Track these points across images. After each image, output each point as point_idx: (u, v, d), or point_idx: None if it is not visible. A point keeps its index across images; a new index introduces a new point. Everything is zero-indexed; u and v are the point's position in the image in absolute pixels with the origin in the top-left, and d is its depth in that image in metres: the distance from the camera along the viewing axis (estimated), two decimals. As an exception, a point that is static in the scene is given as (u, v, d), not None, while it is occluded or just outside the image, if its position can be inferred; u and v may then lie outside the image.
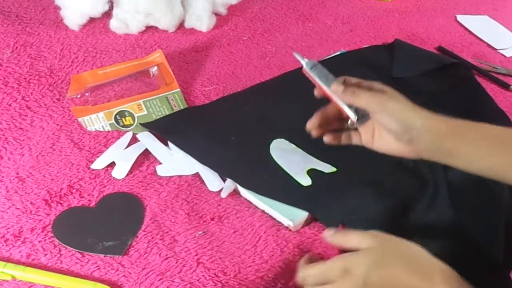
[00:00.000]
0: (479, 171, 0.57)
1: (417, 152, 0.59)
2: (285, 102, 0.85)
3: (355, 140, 0.64)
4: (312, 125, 0.64)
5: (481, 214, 0.71)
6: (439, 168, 0.73)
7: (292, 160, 0.73)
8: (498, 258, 0.69)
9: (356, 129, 0.64)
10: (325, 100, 0.71)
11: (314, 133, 0.64)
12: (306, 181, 0.70)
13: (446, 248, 0.66)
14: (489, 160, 0.56)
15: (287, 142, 0.76)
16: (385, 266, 0.52)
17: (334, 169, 0.72)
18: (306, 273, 0.55)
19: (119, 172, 0.70)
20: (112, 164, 0.72)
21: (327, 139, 0.65)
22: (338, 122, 0.64)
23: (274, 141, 0.76)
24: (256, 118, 0.81)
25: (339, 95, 0.61)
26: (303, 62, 0.67)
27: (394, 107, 0.57)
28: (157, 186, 0.70)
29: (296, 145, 0.75)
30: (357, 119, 0.61)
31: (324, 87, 0.63)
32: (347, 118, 0.62)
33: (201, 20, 1.02)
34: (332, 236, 0.57)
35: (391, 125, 0.58)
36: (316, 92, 0.65)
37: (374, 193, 0.69)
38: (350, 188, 0.70)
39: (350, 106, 0.62)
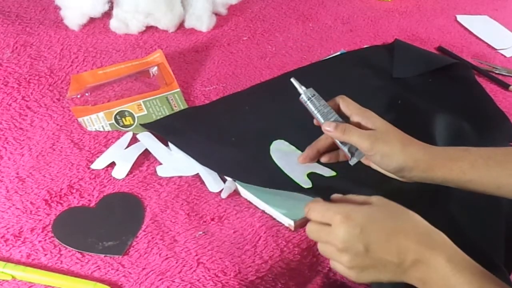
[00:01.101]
0: (475, 191, 0.62)
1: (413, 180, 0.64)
2: (285, 103, 0.85)
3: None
4: (303, 159, 0.70)
5: (482, 215, 0.71)
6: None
7: (292, 162, 0.72)
8: (499, 259, 0.69)
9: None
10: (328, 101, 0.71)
11: (307, 162, 0.70)
12: (306, 183, 0.70)
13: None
14: (480, 183, 0.61)
15: (287, 143, 0.76)
16: (383, 221, 0.53)
17: (334, 173, 0.71)
18: (313, 206, 0.56)
19: (119, 172, 0.70)
20: (112, 164, 0.72)
21: (324, 159, 0.70)
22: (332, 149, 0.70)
23: (274, 142, 0.76)
24: (256, 119, 0.81)
25: (331, 134, 0.65)
26: (301, 90, 0.69)
27: (384, 150, 0.62)
28: (157, 186, 0.70)
29: (296, 147, 0.75)
30: (351, 157, 0.67)
31: (319, 121, 0.67)
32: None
33: (201, 20, 1.02)
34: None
35: (382, 166, 0.64)
36: (314, 122, 0.69)
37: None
38: (350, 192, 0.70)
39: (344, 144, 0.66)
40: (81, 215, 0.65)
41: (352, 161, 0.67)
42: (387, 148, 0.61)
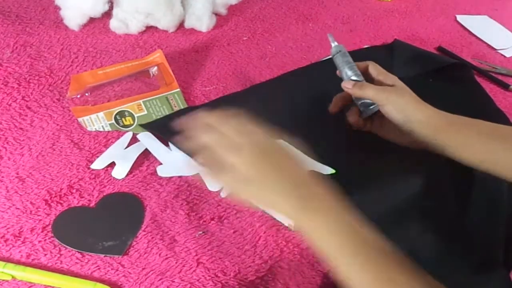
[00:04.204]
0: (472, 164, 0.63)
1: (417, 143, 0.66)
2: (284, 103, 0.85)
3: (367, 127, 0.74)
4: (332, 109, 0.76)
5: (481, 213, 0.71)
6: (441, 168, 0.74)
7: None
8: (498, 258, 0.70)
9: (369, 117, 0.73)
10: (325, 101, 0.72)
11: (335, 111, 0.76)
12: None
13: (446, 248, 0.67)
14: (479, 155, 0.62)
15: (286, 143, 0.76)
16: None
17: (333, 171, 0.72)
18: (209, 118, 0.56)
19: (119, 172, 0.70)
20: (112, 164, 0.72)
21: (351, 118, 0.74)
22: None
23: (274, 141, 0.76)
24: (255, 118, 0.81)
25: (349, 91, 0.70)
26: (332, 44, 0.78)
27: (398, 101, 0.66)
28: (157, 186, 0.70)
29: (295, 147, 0.75)
30: (362, 112, 0.72)
31: (342, 74, 0.74)
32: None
33: (201, 20, 1.02)
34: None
35: (393, 116, 0.66)
36: (337, 73, 0.76)
37: (374, 194, 0.69)
38: (349, 190, 0.70)
39: (358, 99, 0.72)
40: (81, 215, 0.65)
41: (363, 115, 0.73)
42: (401, 100, 0.66)
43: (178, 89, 0.84)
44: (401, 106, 0.65)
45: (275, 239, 0.65)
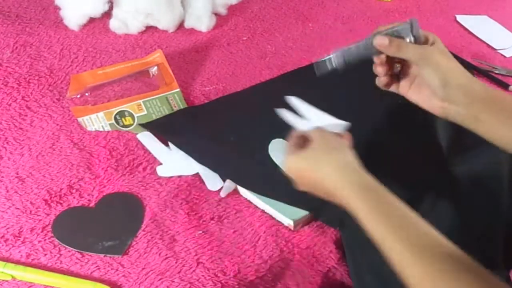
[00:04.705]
0: (498, 142, 0.59)
1: (447, 111, 0.61)
2: (284, 102, 0.85)
3: (393, 87, 0.66)
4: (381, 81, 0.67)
5: (481, 213, 0.71)
6: (443, 168, 0.74)
7: None
8: (498, 258, 0.70)
9: (398, 76, 0.66)
10: (326, 101, 0.71)
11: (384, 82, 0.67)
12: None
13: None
14: (508, 133, 0.58)
15: (285, 142, 0.76)
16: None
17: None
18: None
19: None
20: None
21: (381, 83, 0.66)
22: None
23: (273, 141, 0.76)
24: (255, 118, 0.81)
25: (384, 49, 0.62)
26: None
27: (438, 62, 0.59)
28: (157, 186, 0.70)
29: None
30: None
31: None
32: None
33: (201, 20, 1.02)
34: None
35: (431, 79, 0.60)
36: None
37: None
38: None
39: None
40: (81, 215, 0.65)
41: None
42: (442, 61, 0.60)
43: (178, 89, 0.84)
44: (442, 69, 0.59)
45: (274, 238, 0.65)
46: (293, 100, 0.68)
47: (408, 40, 0.61)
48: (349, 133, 0.63)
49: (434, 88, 0.60)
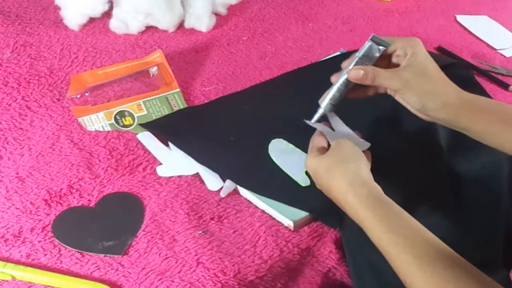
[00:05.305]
0: (493, 146, 0.61)
1: (433, 121, 0.63)
2: (284, 102, 0.85)
3: (381, 90, 0.66)
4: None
5: (481, 214, 0.71)
6: (443, 168, 0.74)
7: (290, 160, 0.73)
8: (498, 258, 0.70)
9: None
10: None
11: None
12: (304, 181, 0.70)
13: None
14: (500, 139, 0.60)
15: (285, 142, 0.76)
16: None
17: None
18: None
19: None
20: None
21: (352, 95, 0.67)
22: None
23: (273, 141, 0.76)
24: (255, 118, 0.81)
25: (361, 81, 0.63)
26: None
27: (413, 87, 0.60)
28: (157, 186, 0.70)
29: (295, 145, 0.75)
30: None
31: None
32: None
33: (201, 20, 1.02)
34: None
35: (410, 102, 0.61)
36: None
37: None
38: None
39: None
40: (81, 215, 0.65)
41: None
42: (417, 86, 0.60)
43: (178, 89, 0.84)
44: (419, 95, 0.60)
45: (274, 239, 0.65)
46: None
47: (378, 54, 0.63)
48: (369, 152, 0.64)
49: (414, 109, 0.62)
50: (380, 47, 0.64)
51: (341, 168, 0.59)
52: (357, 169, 0.59)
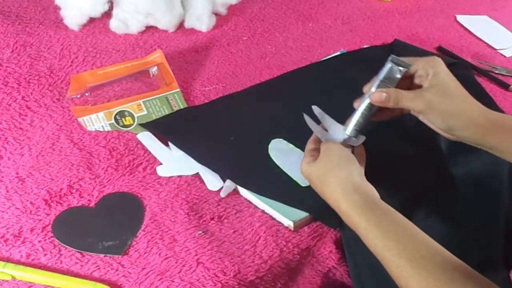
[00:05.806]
0: None
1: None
2: (284, 102, 0.85)
3: (405, 110, 0.65)
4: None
5: (481, 213, 0.71)
6: (443, 169, 0.74)
7: (290, 160, 0.73)
8: (498, 258, 0.70)
9: None
10: (325, 101, 0.71)
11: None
12: (304, 181, 0.70)
13: (446, 248, 0.66)
14: None
15: (285, 142, 0.76)
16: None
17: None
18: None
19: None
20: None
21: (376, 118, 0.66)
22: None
23: (273, 141, 0.76)
24: (255, 118, 0.81)
25: (384, 104, 0.62)
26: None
27: (438, 109, 0.60)
28: (157, 186, 0.70)
29: (295, 145, 0.75)
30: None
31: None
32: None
33: (201, 20, 1.02)
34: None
35: (435, 124, 0.61)
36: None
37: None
38: None
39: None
40: (81, 215, 0.65)
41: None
42: (440, 108, 0.60)
43: (178, 89, 0.84)
44: (444, 117, 0.60)
45: (274, 239, 0.65)
46: (317, 110, 0.70)
47: (399, 76, 0.62)
48: (363, 151, 0.64)
49: (439, 130, 0.62)
50: (401, 68, 0.63)
51: (331, 175, 0.59)
52: (348, 175, 0.59)
